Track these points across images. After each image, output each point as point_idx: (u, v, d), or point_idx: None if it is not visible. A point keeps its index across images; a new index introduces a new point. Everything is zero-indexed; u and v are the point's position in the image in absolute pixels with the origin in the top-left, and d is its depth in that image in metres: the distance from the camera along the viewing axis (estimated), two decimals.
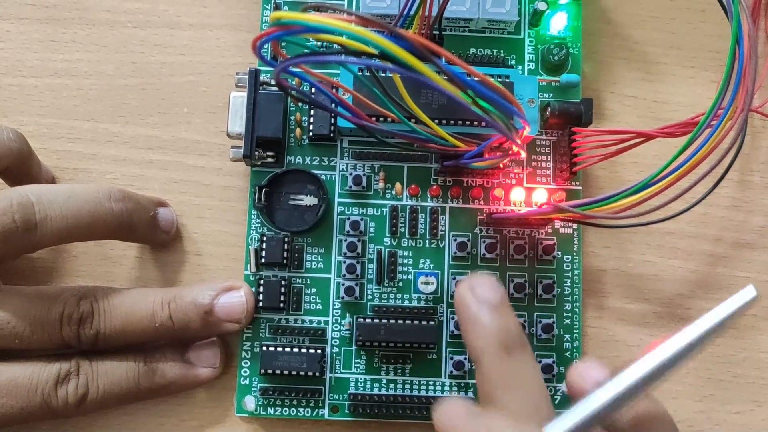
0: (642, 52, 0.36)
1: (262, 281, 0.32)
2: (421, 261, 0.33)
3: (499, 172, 0.34)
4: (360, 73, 0.31)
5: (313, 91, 0.33)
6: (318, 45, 0.34)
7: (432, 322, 0.32)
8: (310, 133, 0.33)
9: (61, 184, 0.34)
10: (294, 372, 0.31)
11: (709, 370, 0.34)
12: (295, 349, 0.32)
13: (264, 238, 0.33)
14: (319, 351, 0.32)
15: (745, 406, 0.34)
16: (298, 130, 0.34)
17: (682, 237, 0.35)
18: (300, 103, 0.34)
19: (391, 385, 0.33)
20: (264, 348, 0.32)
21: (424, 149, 0.31)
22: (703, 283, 0.35)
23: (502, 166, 0.33)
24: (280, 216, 0.33)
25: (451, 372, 0.32)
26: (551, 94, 0.35)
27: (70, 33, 0.35)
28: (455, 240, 0.33)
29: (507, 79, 0.32)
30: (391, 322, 0.32)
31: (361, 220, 0.33)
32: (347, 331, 0.33)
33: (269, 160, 0.33)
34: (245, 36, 0.36)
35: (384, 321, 0.32)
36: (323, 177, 0.33)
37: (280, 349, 0.32)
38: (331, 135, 0.33)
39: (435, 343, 0.32)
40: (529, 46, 0.35)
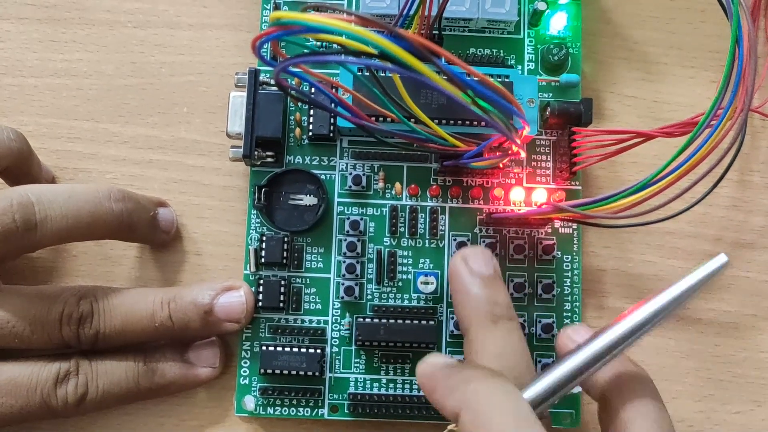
0: (642, 52, 0.36)
1: (261, 281, 0.32)
2: (421, 261, 0.33)
3: (498, 171, 0.34)
4: (359, 73, 0.31)
5: (312, 91, 0.32)
6: (318, 45, 0.34)
7: (432, 322, 0.32)
8: (310, 133, 0.33)
9: (61, 184, 0.34)
10: (294, 372, 0.31)
11: (709, 370, 0.34)
12: (295, 349, 0.32)
13: (264, 238, 0.33)
14: (318, 351, 0.32)
15: (745, 406, 0.34)
16: (297, 130, 0.34)
17: (682, 237, 0.35)
18: (299, 103, 0.34)
19: (391, 385, 0.33)
20: (264, 348, 0.32)
21: (423, 149, 0.31)
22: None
23: (501, 165, 0.33)
24: (279, 216, 0.33)
25: None
26: (551, 94, 0.35)
27: (70, 33, 0.35)
28: (455, 240, 0.33)
29: (507, 79, 0.32)
30: (391, 321, 0.32)
31: (361, 219, 0.33)
32: (347, 331, 0.33)
33: (269, 159, 0.33)
34: (245, 36, 0.36)
35: (384, 321, 0.32)
36: (323, 177, 0.33)
37: (280, 348, 0.32)
38: (331, 135, 0.33)
39: (435, 342, 0.32)
40: (528, 46, 0.35)
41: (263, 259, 0.33)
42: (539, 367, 0.32)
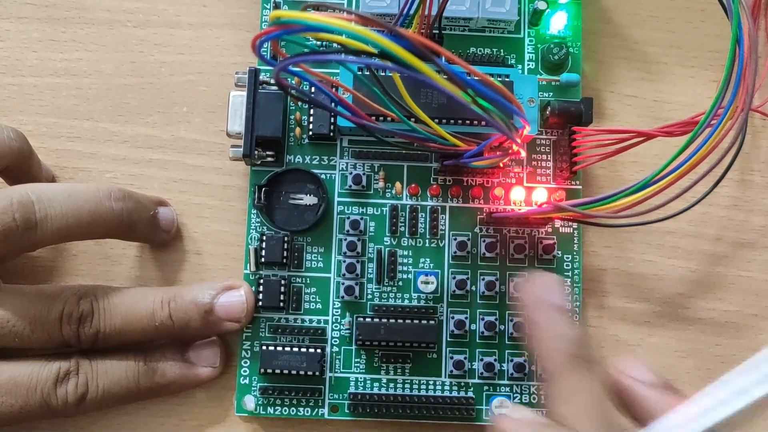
0: (642, 52, 0.36)
1: (261, 280, 0.32)
2: (421, 260, 0.33)
3: (499, 171, 0.34)
4: (360, 73, 0.31)
5: (312, 90, 0.32)
6: (318, 44, 0.34)
7: (432, 322, 0.32)
8: (310, 133, 0.33)
9: (61, 183, 0.34)
10: (294, 371, 0.31)
11: (709, 369, 0.34)
12: (295, 349, 0.32)
13: (264, 238, 0.33)
14: (318, 350, 0.32)
15: None
16: (297, 130, 0.34)
17: (683, 236, 0.35)
18: (300, 103, 0.34)
19: (391, 385, 0.33)
20: (264, 347, 0.32)
21: (423, 148, 0.31)
22: (703, 282, 0.35)
23: (502, 165, 0.33)
24: (279, 215, 0.33)
25: (451, 371, 0.32)
26: (551, 94, 0.35)
27: (69, 32, 0.35)
28: (455, 239, 0.33)
29: (507, 79, 0.32)
30: (391, 321, 0.32)
31: (361, 219, 0.33)
32: (347, 331, 0.33)
33: (269, 159, 0.33)
34: (245, 35, 0.36)
35: (384, 320, 0.32)
36: (323, 176, 0.33)
37: (280, 348, 0.32)
38: (331, 134, 0.33)
39: (435, 342, 0.32)
40: (529, 45, 0.35)
41: (263, 259, 0.32)
42: (540, 366, 0.32)
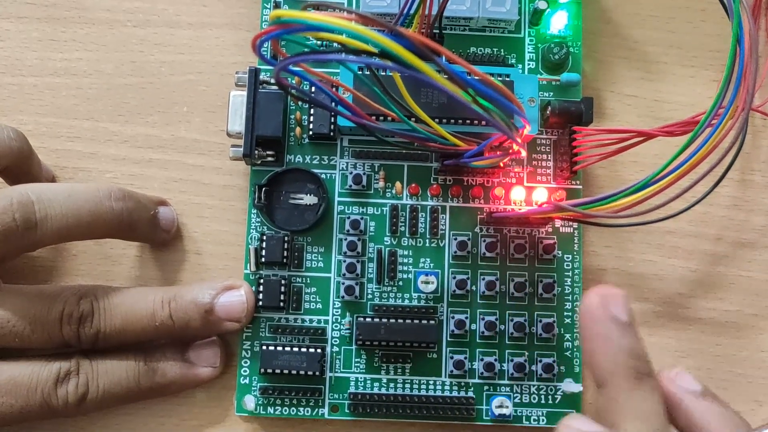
0: (642, 51, 0.36)
1: (262, 280, 0.32)
2: (421, 260, 0.33)
3: (499, 171, 0.34)
4: (360, 72, 0.31)
5: (313, 89, 0.32)
6: (318, 44, 0.34)
7: (432, 322, 0.32)
8: (310, 132, 0.33)
9: (61, 183, 0.34)
10: (294, 371, 0.31)
11: (709, 369, 0.34)
12: (295, 349, 0.32)
13: (264, 237, 0.33)
14: (319, 350, 0.32)
15: (746, 406, 0.34)
16: (298, 129, 0.34)
17: (683, 236, 0.35)
18: (300, 102, 0.34)
19: (392, 385, 0.33)
20: (264, 347, 0.32)
21: (424, 148, 0.31)
22: (703, 282, 0.35)
23: (502, 165, 0.33)
24: (280, 215, 0.33)
25: (452, 371, 0.32)
26: (551, 93, 0.35)
27: (69, 32, 0.35)
28: (455, 239, 0.33)
29: (507, 78, 0.32)
30: (391, 321, 0.32)
31: (361, 219, 0.33)
32: (347, 331, 0.33)
33: (269, 159, 0.33)
34: (245, 35, 0.36)
35: (384, 320, 0.32)
36: (323, 176, 0.33)
37: (280, 348, 0.32)
38: (331, 134, 0.33)
39: (435, 342, 0.32)
40: (529, 45, 0.35)
41: (263, 259, 0.32)
42: (540, 366, 0.32)
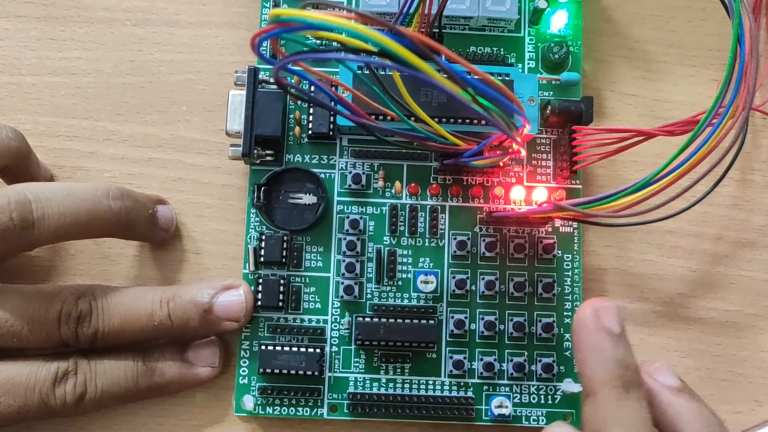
0: (642, 51, 0.36)
1: (261, 280, 0.32)
2: (421, 260, 0.33)
3: (499, 170, 0.34)
4: (359, 71, 0.30)
5: (312, 89, 0.32)
6: (318, 43, 0.34)
7: (431, 321, 0.32)
8: (310, 132, 0.33)
9: (59, 182, 0.34)
10: (293, 371, 0.31)
11: (709, 369, 0.34)
12: (294, 348, 0.32)
13: (263, 237, 0.32)
14: (318, 350, 0.32)
15: (746, 406, 0.34)
16: (297, 129, 0.34)
17: (683, 236, 0.35)
18: (299, 101, 0.34)
19: (391, 385, 0.32)
20: (263, 347, 0.32)
21: (423, 147, 0.31)
22: (703, 282, 0.35)
23: (502, 164, 0.33)
24: (279, 214, 0.33)
25: (451, 371, 0.32)
26: (551, 93, 0.35)
27: (68, 31, 0.35)
28: (455, 239, 0.33)
29: (507, 77, 0.32)
30: (391, 321, 0.32)
31: (361, 218, 0.33)
32: (346, 330, 0.33)
33: (268, 158, 0.33)
34: (244, 34, 0.36)
35: (383, 320, 0.32)
36: (322, 175, 0.33)
37: (279, 348, 0.31)
38: (331, 133, 0.33)
39: (434, 342, 0.32)
40: (529, 44, 0.35)
41: (262, 258, 0.32)
42: (540, 366, 0.32)
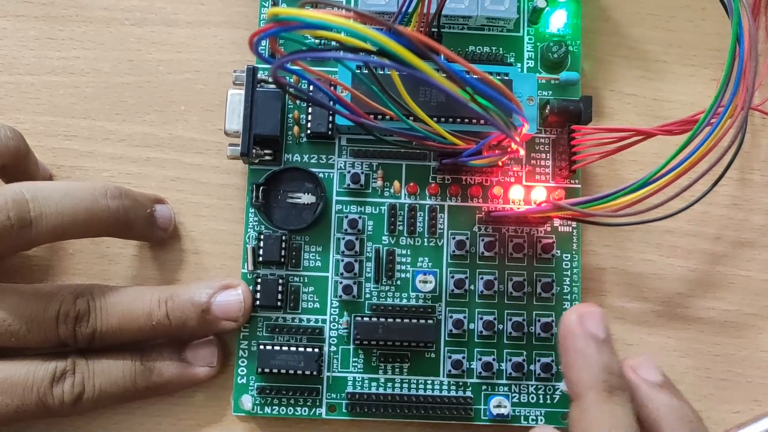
0: (642, 50, 0.36)
1: (259, 280, 0.32)
2: (420, 259, 0.33)
3: (497, 170, 0.34)
4: (358, 71, 0.30)
5: (311, 88, 0.32)
6: (316, 42, 0.34)
7: (430, 321, 0.32)
8: (308, 131, 0.33)
9: (57, 181, 0.34)
10: (291, 371, 0.31)
11: (708, 369, 0.34)
12: (293, 348, 0.32)
13: (261, 237, 0.32)
14: (316, 350, 0.32)
15: (745, 405, 0.34)
16: (296, 128, 0.34)
17: (682, 235, 0.35)
18: (298, 101, 0.34)
19: (389, 384, 0.32)
20: (261, 347, 0.32)
21: (422, 147, 0.31)
22: (702, 281, 0.35)
23: (500, 164, 0.33)
24: (277, 214, 0.33)
25: (450, 371, 0.32)
26: (550, 92, 0.35)
27: (66, 30, 0.35)
28: (454, 238, 0.33)
29: (506, 77, 0.32)
30: (389, 320, 0.32)
31: (359, 218, 0.33)
32: (345, 330, 0.33)
33: (267, 158, 0.33)
34: (243, 33, 0.35)
35: (382, 320, 0.32)
36: (321, 175, 0.33)
37: (278, 348, 0.31)
38: (329, 133, 0.33)
39: (433, 341, 0.32)
40: (528, 43, 0.35)
41: (261, 258, 0.32)
42: (539, 366, 0.32)
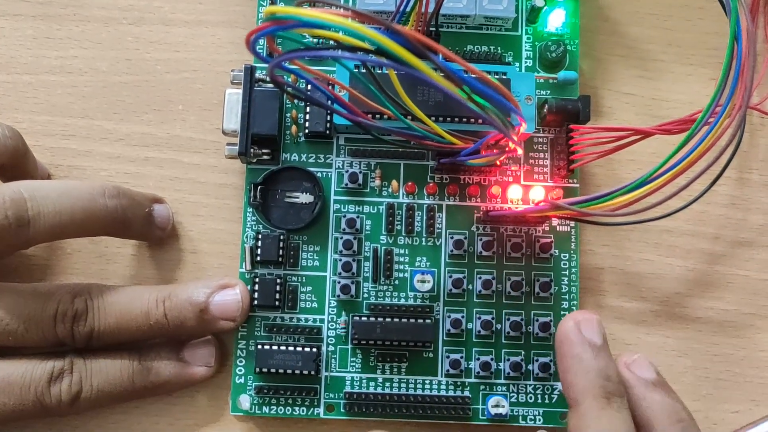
0: (640, 50, 0.36)
1: (257, 279, 0.32)
2: (418, 259, 0.33)
3: (495, 169, 0.34)
4: (356, 70, 0.30)
5: (309, 87, 0.32)
6: (314, 42, 0.33)
7: (428, 321, 0.32)
8: (306, 130, 0.33)
9: (54, 180, 0.34)
10: (289, 371, 0.31)
11: (707, 369, 0.34)
12: (291, 348, 0.31)
13: (259, 236, 0.32)
14: (314, 349, 0.32)
15: (743, 405, 0.34)
16: (293, 127, 0.33)
17: (680, 235, 0.35)
18: (296, 100, 0.34)
19: (387, 384, 0.32)
20: (259, 346, 0.31)
21: (420, 146, 0.31)
22: (701, 281, 0.35)
23: (498, 163, 0.33)
24: (275, 213, 0.33)
25: (448, 371, 0.32)
26: (549, 92, 0.35)
27: (64, 30, 0.35)
28: (452, 238, 0.33)
29: (504, 76, 0.32)
30: (387, 320, 0.32)
31: (357, 217, 0.33)
32: (343, 330, 0.33)
33: (265, 157, 0.33)
34: (241, 33, 0.35)
35: (380, 319, 0.32)
36: (319, 174, 0.33)
37: (276, 347, 0.31)
38: (327, 132, 0.33)
39: (431, 341, 0.32)
40: (526, 43, 0.35)
41: (259, 257, 0.32)
42: (537, 366, 0.32)
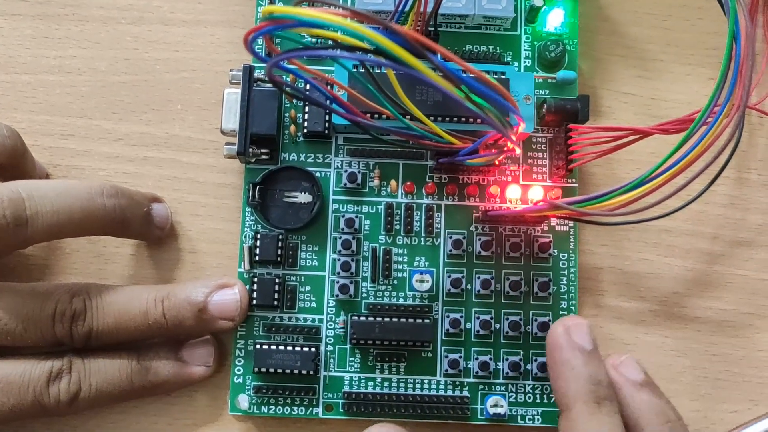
0: (639, 49, 0.36)
1: (256, 279, 0.32)
2: (417, 259, 0.33)
3: (494, 169, 0.34)
4: (355, 70, 0.30)
5: (307, 87, 0.32)
6: (313, 41, 0.33)
7: (427, 320, 0.32)
8: (305, 130, 0.33)
9: (53, 180, 0.34)
10: (288, 370, 0.31)
11: (705, 368, 0.34)
12: (289, 348, 0.31)
13: (258, 236, 0.32)
14: (313, 349, 0.32)
15: (742, 405, 0.34)
16: (292, 127, 0.33)
17: (679, 235, 0.35)
18: (294, 100, 0.34)
19: (386, 384, 0.32)
20: (258, 346, 0.31)
21: (419, 146, 0.31)
22: (700, 281, 0.35)
23: (497, 163, 0.33)
24: (274, 213, 0.33)
25: (446, 370, 0.32)
26: (547, 91, 0.35)
27: (63, 29, 0.35)
28: (451, 237, 0.33)
29: (503, 76, 0.32)
30: (386, 320, 0.32)
31: (356, 217, 0.33)
32: (341, 329, 0.33)
33: (263, 157, 0.33)
34: (240, 32, 0.35)
35: (379, 319, 0.32)
36: (318, 174, 0.33)
37: (274, 347, 0.31)
38: (326, 132, 0.33)
39: (430, 341, 0.32)
40: (525, 42, 0.35)
41: (257, 257, 0.32)
42: (536, 365, 0.32)
